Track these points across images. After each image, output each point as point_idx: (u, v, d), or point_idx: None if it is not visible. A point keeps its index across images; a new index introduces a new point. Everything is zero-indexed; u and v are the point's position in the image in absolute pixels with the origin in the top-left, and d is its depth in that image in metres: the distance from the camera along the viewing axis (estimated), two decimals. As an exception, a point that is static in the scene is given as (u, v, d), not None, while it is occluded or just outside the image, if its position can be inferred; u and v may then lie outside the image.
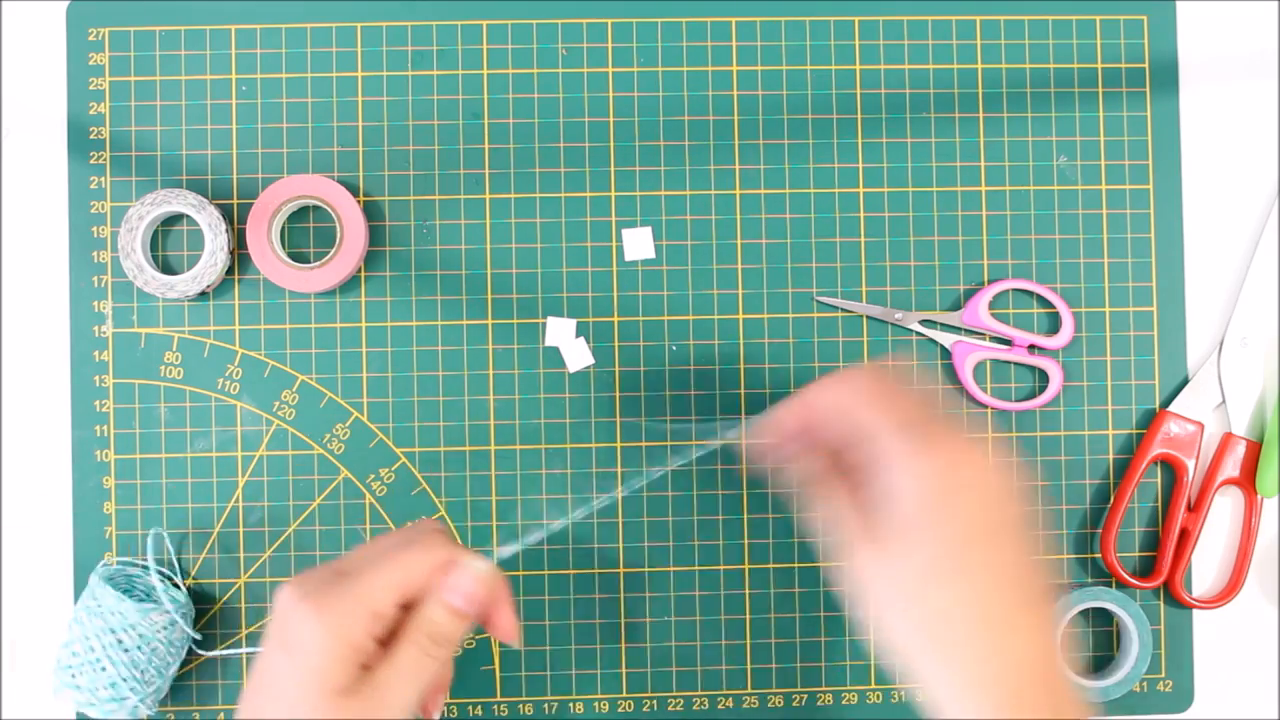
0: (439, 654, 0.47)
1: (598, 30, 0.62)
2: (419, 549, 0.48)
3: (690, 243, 0.61)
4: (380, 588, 0.46)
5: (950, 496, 0.46)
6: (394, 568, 0.47)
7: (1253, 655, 0.62)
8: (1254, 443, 0.61)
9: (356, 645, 0.46)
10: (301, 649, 0.45)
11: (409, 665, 0.46)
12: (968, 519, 0.46)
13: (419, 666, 0.47)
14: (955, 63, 0.62)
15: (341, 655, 0.45)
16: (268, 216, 0.59)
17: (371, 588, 0.46)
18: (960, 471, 0.46)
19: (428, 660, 0.47)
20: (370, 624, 0.46)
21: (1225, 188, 0.63)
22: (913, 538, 0.46)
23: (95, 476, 0.60)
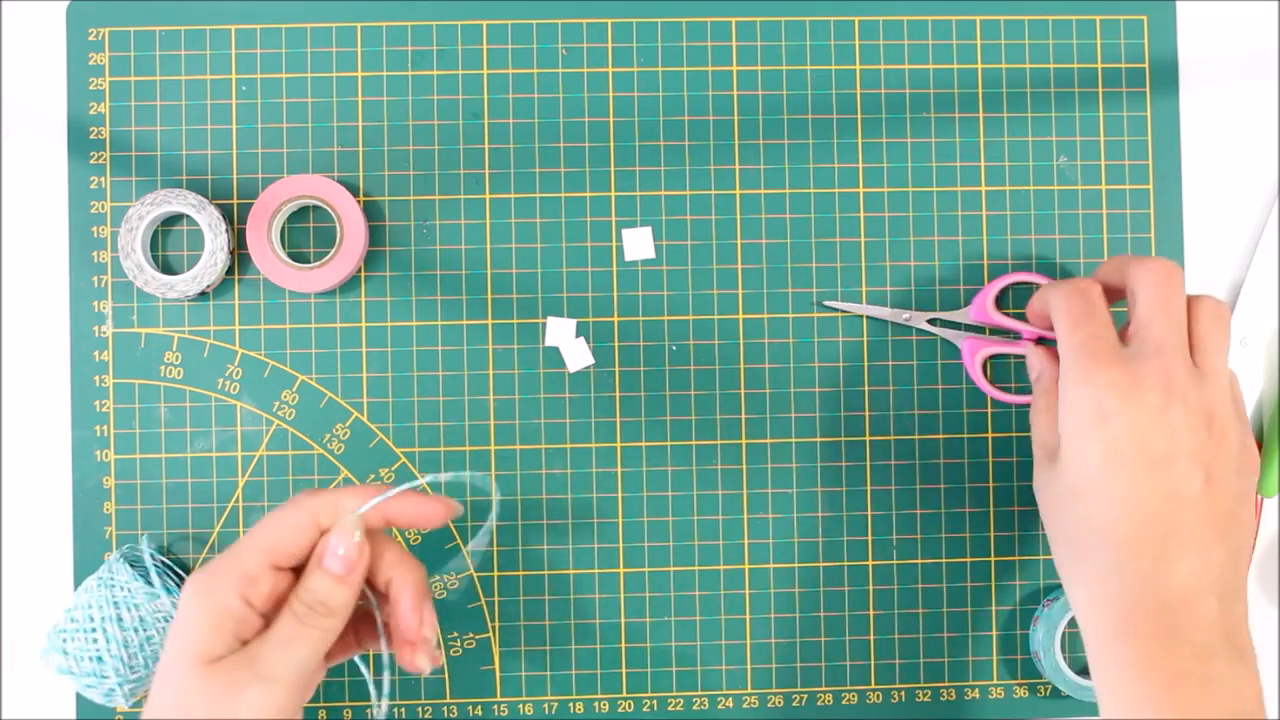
0: (319, 623, 0.46)
1: (598, 30, 0.62)
2: (284, 507, 0.47)
3: (690, 243, 0.61)
4: (246, 550, 0.46)
5: (1094, 424, 0.49)
6: (260, 530, 0.46)
7: (1253, 655, 0.62)
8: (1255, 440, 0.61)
9: (227, 611, 0.45)
10: (179, 623, 0.45)
11: (285, 634, 0.45)
12: (1109, 446, 0.48)
13: (296, 635, 0.45)
14: (955, 63, 0.62)
15: (211, 622, 0.45)
16: (268, 216, 0.59)
17: (238, 551, 0.46)
18: (1106, 402, 0.49)
19: (306, 629, 0.45)
20: (241, 587, 0.45)
21: (1225, 188, 0.63)
22: (1064, 455, 0.50)
23: (95, 476, 0.60)
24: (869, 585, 0.61)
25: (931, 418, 0.62)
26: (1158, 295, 0.51)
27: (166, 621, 0.56)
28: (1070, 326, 0.51)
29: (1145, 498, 0.48)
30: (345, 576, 0.46)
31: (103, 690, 0.55)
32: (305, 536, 0.47)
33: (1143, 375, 0.49)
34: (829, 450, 0.61)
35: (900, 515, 0.61)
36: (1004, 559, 0.62)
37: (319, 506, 0.47)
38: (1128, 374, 0.49)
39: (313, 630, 0.46)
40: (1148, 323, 0.50)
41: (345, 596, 0.46)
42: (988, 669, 0.61)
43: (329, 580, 0.46)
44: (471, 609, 0.61)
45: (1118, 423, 0.48)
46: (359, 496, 0.47)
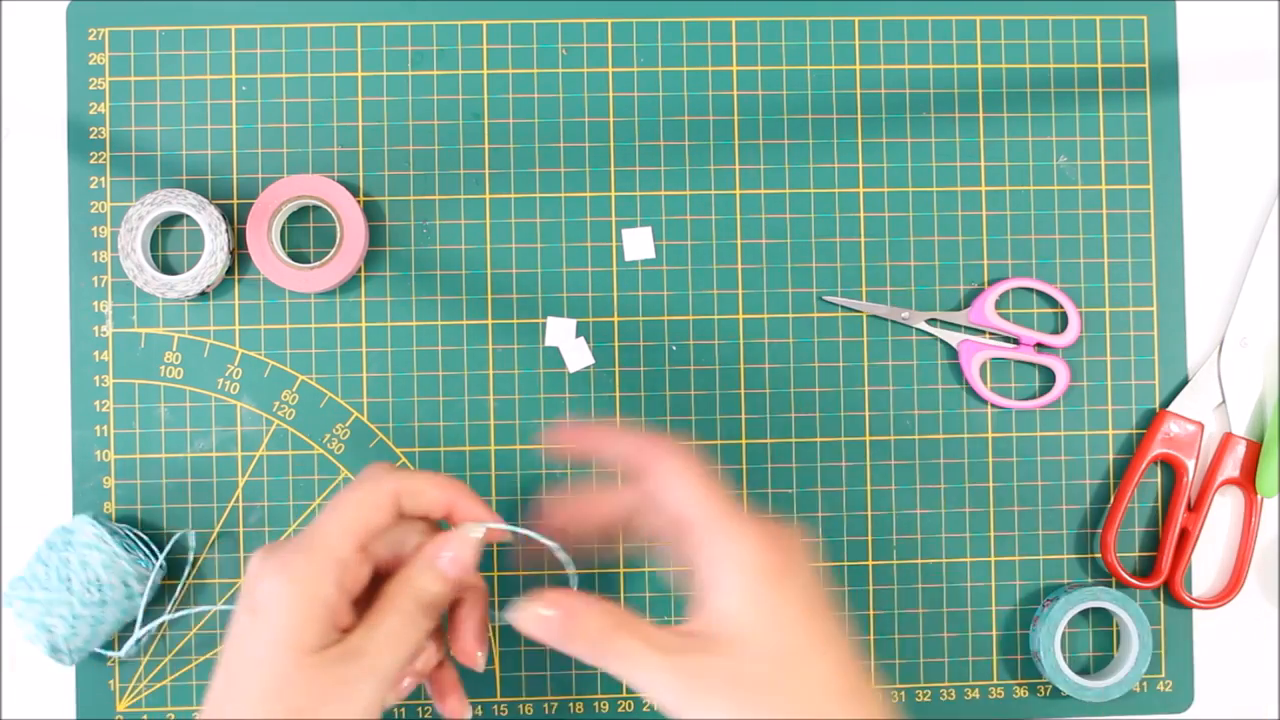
0: (426, 622, 0.45)
1: (598, 30, 0.62)
2: (365, 486, 0.46)
3: (690, 243, 0.61)
4: (336, 534, 0.45)
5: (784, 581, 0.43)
6: (344, 509, 0.45)
7: (1253, 655, 0.62)
8: (1254, 443, 0.61)
9: (323, 599, 0.44)
10: (268, 609, 0.44)
11: (393, 631, 0.44)
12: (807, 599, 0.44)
13: (404, 633, 0.45)
14: (955, 63, 0.62)
15: (310, 612, 0.43)
16: (268, 216, 0.59)
17: (327, 535, 0.45)
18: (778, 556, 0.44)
19: (412, 628, 0.45)
20: (335, 573, 0.44)
21: (1225, 188, 0.63)
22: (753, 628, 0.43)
23: (95, 476, 0.60)
24: (869, 585, 0.61)
25: (931, 418, 0.62)
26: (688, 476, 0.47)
27: (124, 584, 0.56)
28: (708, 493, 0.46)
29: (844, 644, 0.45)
30: (455, 579, 0.46)
31: (44, 641, 0.55)
32: (387, 515, 0.46)
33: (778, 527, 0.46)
34: (829, 450, 0.61)
35: (900, 515, 0.61)
36: (1004, 559, 0.62)
37: (402, 488, 0.46)
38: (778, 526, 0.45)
39: (420, 628, 0.45)
40: None
41: (449, 595, 0.46)
42: (988, 669, 0.61)
43: (440, 581, 0.46)
44: (471, 609, 0.61)
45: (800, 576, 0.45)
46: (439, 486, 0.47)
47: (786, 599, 0.43)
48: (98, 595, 0.55)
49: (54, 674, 0.60)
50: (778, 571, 0.43)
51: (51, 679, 0.60)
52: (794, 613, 0.43)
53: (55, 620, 0.55)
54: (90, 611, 0.55)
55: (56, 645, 0.56)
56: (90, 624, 0.56)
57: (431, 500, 0.47)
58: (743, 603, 0.43)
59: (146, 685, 0.60)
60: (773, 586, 0.43)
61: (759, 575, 0.43)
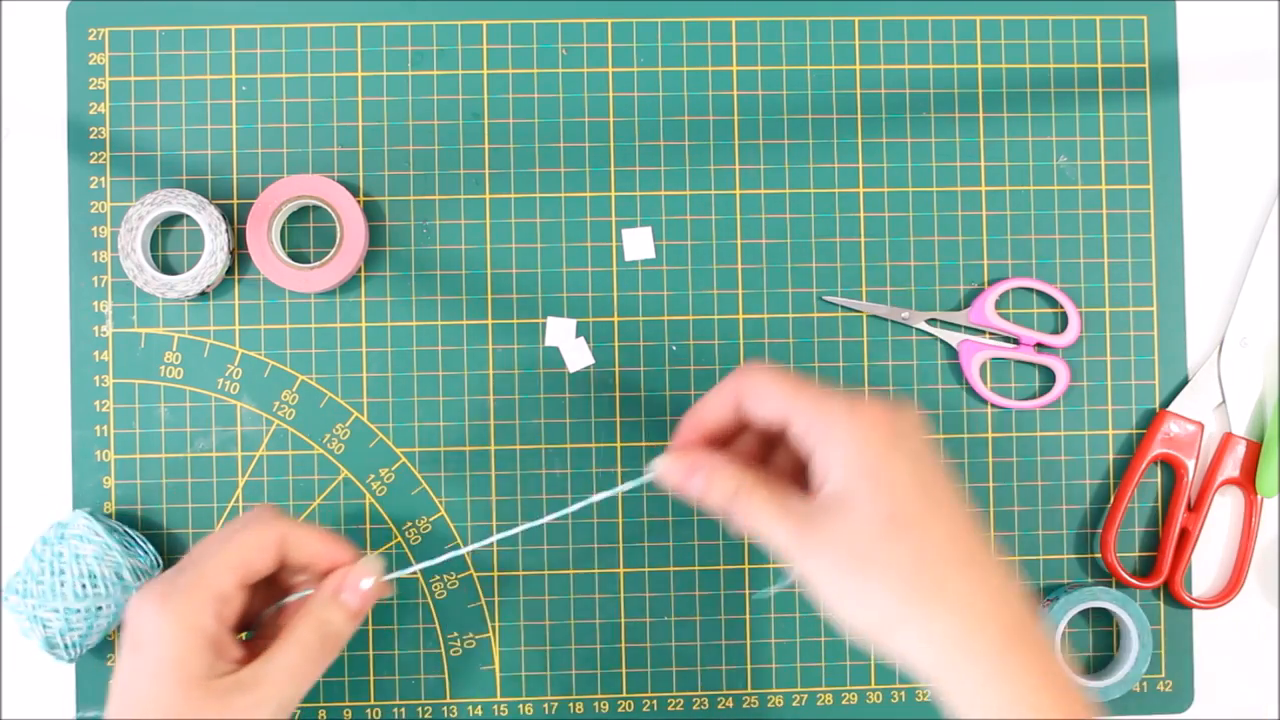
0: (326, 656, 0.46)
1: (598, 30, 0.62)
2: (253, 528, 0.48)
3: (690, 243, 0.61)
4: (219, 569, 0.46)
5: (892, 446, 0.44)
6: (230, 549, 0.47)
7: (1253, 655, 0.62)
8: (1254, 443, 0.61)
9: (204, 630, 0.45)
10: (150, 643, 0.45)
11: (294, 664, 0.46)
12: (916, 464, 0.44)
13: (304, 667, 0.46)
14: (955, 63, 0.62)
15: (192, 642, 0.45)
16: (268, 216, 0.59)
17: (210, 570, 0.46)
18: (892, 421, 0.44)
19: (313, 662, 0.46)
20: (215, 606, 0.46)
21: (1225, 188, 0.63)
22: (862, 495, 0.43)
23: (95, 476, 0.60)
24: (869, 585, 0.61)
25: (931, 418, 0.62)
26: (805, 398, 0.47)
27: (119, 577, 0.56)
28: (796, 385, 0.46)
29: (961, 506, 0.45)
30: (359, 614, 0.48)
31: (39, 635, 0.55)
32: (271, 559, 0.48)
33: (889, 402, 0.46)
34: (829, 450, 0.61)
35: (900, 515, 0.61)
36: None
37: (289, 535, 0.48)
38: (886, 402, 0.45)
39: (319, 662, 0.46)
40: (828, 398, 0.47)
41: (352, 630, 0.48)
42: (988, 669, 0.61)
43: (344, 615, 0.47)
44: (471, 609, 0.61)
45: (912, 440, 0.45)
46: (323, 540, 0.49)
47: (894, 466, 0.44)
48: (92, 589, 0.55)
49: (54, 673, 0.60)
50: (883, 441, 0.44)
51: (51, 678, 0.60)
52: (902, 479, 0.44)
53: (49, 614, 0.55)
54: (84, 605, 0.55)
55: (52, 640, 0.55)
56: (86, 618, 0.56)
57: (314, 553, 0.49)
58: (849, 473, 0.44)
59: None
60: (879, 455, 0.44)
61: (864, 445, 0.44)
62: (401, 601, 0.54)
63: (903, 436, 0.44)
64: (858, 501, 0.44)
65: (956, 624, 0.43)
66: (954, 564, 0.43)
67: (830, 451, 0.44)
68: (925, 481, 0.44)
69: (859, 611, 0.44)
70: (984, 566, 0.44)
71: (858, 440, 0.44)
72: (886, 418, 0.44)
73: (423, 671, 0.60)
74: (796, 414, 0.45)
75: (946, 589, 0.43)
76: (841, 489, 0.44)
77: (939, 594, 0.43)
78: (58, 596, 0.55)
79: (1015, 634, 0.43)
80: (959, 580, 0.43)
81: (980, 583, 0.43)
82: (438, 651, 0.60)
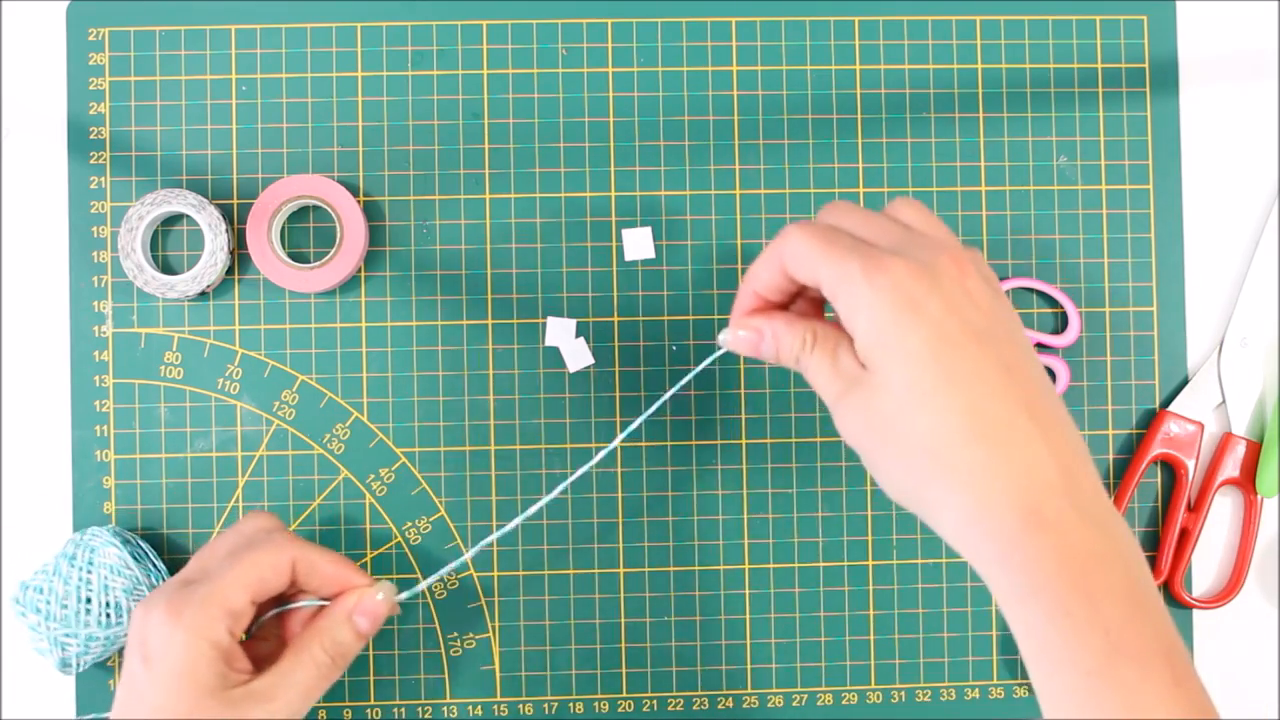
0: (336, 673, 0.48)
1: (598, 30, 0.62)
2: (267, 548, 0.49)
3: (690, 243, 0.61)
4: (232, 586, 0.47)
5: (906, 314, 0.42)
6: (245, 567, 0.48)
7: (1253, 655, 0.62)
8: (1254, 443, 0.61)
9: (217, 643, 0.46)
10: (163, 656, 0.46)
11: (303, 678, 0.47)
12: (934, 331, 0.41)
13: (314, 681, 0.47)
14: (955, 63, 0.62)
15: (204, 654, 0.46)
16: (268, 216, 0.59)
17: (223, 586, 0.47)
18: (910, 285, 0.42)
19: (322, 679, 0.48)
20: (228, 622, 0.47)
21: (1225, 188, 0.63)
22: (880, 366, 0.42)
23: (95, 476, 0.60)
24: (869, 585, 0.61)
25: (931, 418, 0.62)
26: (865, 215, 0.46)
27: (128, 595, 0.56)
28: (824, 250, 0.44)
29: (993, 374, 0.42)
30: (366, 636, 0.49)
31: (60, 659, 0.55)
32: (284, 579, 0.49)
33: (924, 258, 0.43)
34: (829, 450, 0.61)
35: (900, 515, 0.61)
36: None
37: (301, 558, 0.50)
38: (914, 259, 0.43)
39: (328, 679, 0.48)
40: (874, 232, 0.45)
41: (359, 650, 0.50)
42: (988, 669, 0.61)
43: (354, 635, 0.49)
44: (471, 609, 0.61)
45: (932, 304, 0.42)
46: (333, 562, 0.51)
47: (907, 335, 0.41)
48: (116, 618, 0.56)
49: (54, 674, 0.60)
50: (898, 307, 0.42)
51: (51, 679, 0.60)
52: (915, 349, 0.41)
53: (70, 640, 0.55)
54: (107, 633, 0.56)
55: (68, 661, 0.56)
56: (104, 644, 0.56)
57: (326, 576, 0.51)
58: (866, 343, 0.42)
59: None
60: (892, 323, 0.42)
61: (877, 314, 0.42)
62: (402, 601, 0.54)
63: (923, 299, 0.42)
64: (876, 371, 0.42)
65: (970, 502, 0.41)
66: (971, 438, 0.41)
67: (852, 319, 0.43)
68: (945, 348, 0.41)
69: (886, 482, 0.43)
70: (1005, 440, 0.41)
71: (872, 308, 0.42)
72: (906, 280, 0.42)
73: (423, 671, 0.60)
74: (823, 279, 0.44)
75: (959, 465, 0.41)
76: (865, 358, 0.43)
77: (951, 471, 0.41)
78: (80, 623, 0.55)
79: (1035, 517, 0.40)
80: (977, 456, 0.41)
81: (998, 459, 0.41)
82: (438, 651, 0.60)
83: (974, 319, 0.42)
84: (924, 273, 0.42)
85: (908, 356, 0.42)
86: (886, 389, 0.42)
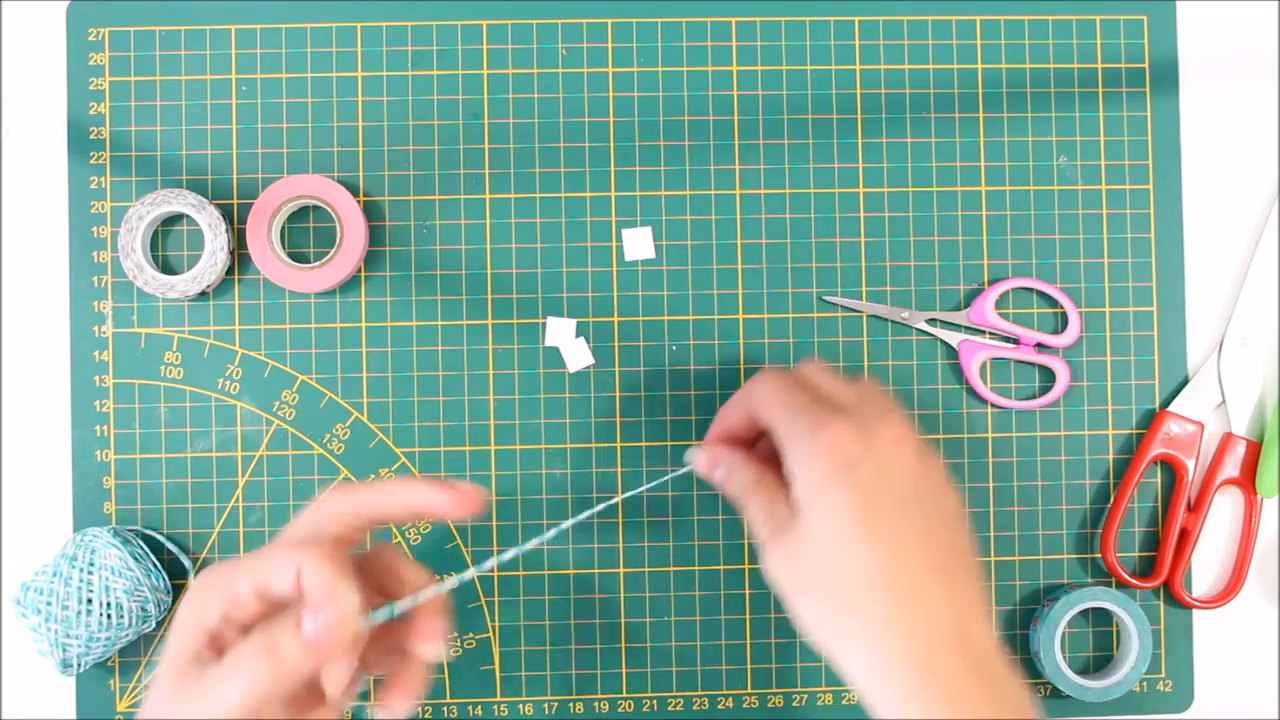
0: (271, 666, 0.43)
1: (598, 30, 0.62)
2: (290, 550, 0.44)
3: (690, 243, 0.61)
4: (240, 570, 0.44)
5: (839, 474, 0.46)
6: (260, 557, 0.45)
7: (1253, 655, 0.62)
8: (1254, 443, 0.61)
9: (205, 623, 0.44)
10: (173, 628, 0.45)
11: (235, 664, 0.43)
12: (861, 492, 0.46)
13: (246, 669, 0.43)
14: (955, 63, 0.62)
15: (190, 630, 0.44)
16: (268, 216, 0.59)
17: (232, 569, 0.45)
18: (847, 448, 0.47)
19: (252, 666, 0.43)
20: (224, 604, 0.44)
21: (1225, 188, 0.63)
22: (809, 517, 0.47)
23: (95, 476, 0.60)
24: (869, 585, 0.61)
25: (931, 418, 0.62)
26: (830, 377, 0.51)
27: (143, 610, 0.56)
28: (784, 399, 0.49)
29: (909, 536, 0.47)
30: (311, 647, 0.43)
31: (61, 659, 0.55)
32: (288, 579, 0.44)
33: (868, 423, 0.48)
34: (829, 450, 0.61)
35: (900, 515, 0.61)
36: (1004, 559, 0.62)
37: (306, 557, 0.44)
38: (858, 423, 0.47)
39: (259, 668, 0.43)
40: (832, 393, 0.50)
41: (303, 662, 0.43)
42: (988, 669, 0.61)
43: (294, 640, 0.43)
44: (471, 609, 0.61)
45: (865, 468, 0.47)
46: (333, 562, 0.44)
47: (839, 494, 0.46)
48: (117, 618, 0.56)
49: (54, 674, 0.60)
50: (834, 468, 0.46)
51: (52, 680, 0.60)
52: (844, 507, 0.46)
53: (71, 641, 0.55)
54: (108, 634, 0.56)
55: (69, 661, 0.56)
56: (105, 645, 0.56)
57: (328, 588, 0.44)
58: (802, 494, 0.47)
59: (146, 685, 0.60)
60: (826, 481, 0.47)
61: (814, 471, 0.47)
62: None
63: (857, 462, 0.46)
64: (805, 523, 0.47)
65: (877, 652, 0.45)
66: (879, 591, 0.46)
67: (793, 469, 0.48)
68: (869, 510, 0.46)
69: (803, 623, 0.48)
70: (908, 595, 0.46)
71: (812, 465, 0.47)
72: (844, 442, 0.47)
73: (423, 671, 0.60)
74: (776, 427, 0.49)
75: (866, 615, 0.46)
76: (799, 506, 0.47)
77: (859, 619, 0.46)
78: (82, 624, 0.55)
79: (928, 669, 0.45)
80: (881, 609, 0.45)
81: (899, 611, 0.45)
82: (438, 651, 0.60)
83: (900, 484, 0.47)
84: (862, 437, 0.47)
85: (836, 511, 0.46)
86: (812, 538, 0.47)
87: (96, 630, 0.55)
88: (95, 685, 0.60)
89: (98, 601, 0.55)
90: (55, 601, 0.55)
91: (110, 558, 0.56)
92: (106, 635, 0.56)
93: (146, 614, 0.57)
